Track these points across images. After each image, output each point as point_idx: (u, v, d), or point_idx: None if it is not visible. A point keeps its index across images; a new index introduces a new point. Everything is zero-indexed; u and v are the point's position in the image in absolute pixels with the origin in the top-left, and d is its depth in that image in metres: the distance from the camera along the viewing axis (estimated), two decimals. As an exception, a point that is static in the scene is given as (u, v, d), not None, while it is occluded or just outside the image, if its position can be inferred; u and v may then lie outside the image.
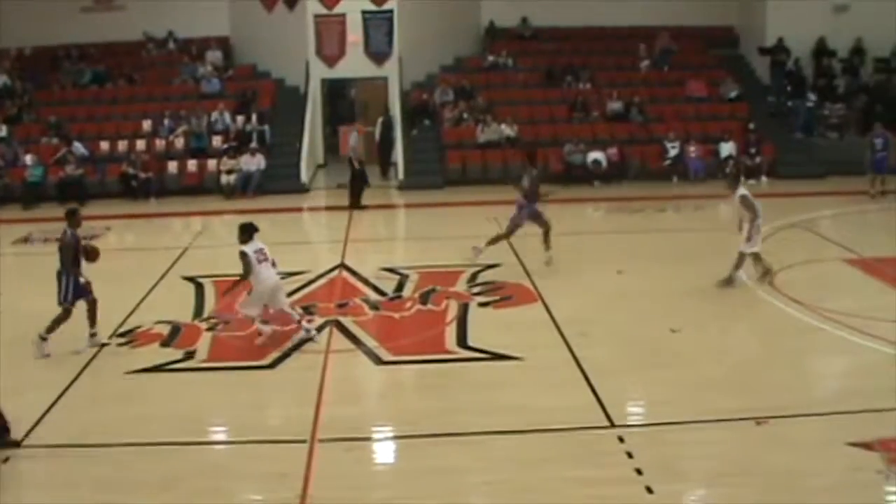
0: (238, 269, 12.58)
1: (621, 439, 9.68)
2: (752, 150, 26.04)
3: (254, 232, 12.63)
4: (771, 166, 26.06)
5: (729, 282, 14.96)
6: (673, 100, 28.56)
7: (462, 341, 12.90)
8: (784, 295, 14.68)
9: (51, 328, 12.36)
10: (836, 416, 10.31)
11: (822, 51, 29.13)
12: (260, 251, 12.49)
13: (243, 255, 12.41)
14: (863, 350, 12.00)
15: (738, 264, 14.98)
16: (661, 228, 21.05)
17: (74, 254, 12.51)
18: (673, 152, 26.10)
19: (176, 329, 13.58)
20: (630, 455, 9.30)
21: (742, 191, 14.98)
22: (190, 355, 12.54)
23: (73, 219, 12.67)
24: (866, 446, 9.45)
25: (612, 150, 26.14)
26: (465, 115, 27.39)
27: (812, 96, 28.06)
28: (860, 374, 11.61)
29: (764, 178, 25.65)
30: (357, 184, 23.80)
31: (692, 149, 26.16)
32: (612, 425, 10.06)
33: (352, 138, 24.64)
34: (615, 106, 27.74)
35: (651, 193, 24.27)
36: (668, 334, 12.99)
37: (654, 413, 10.60)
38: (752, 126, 26.71)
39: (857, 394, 10.95)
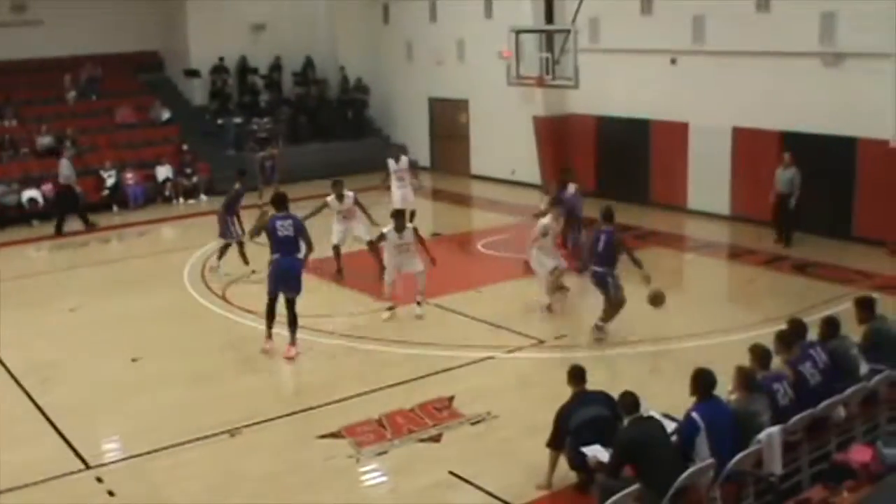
0: None
1: (100, 479, 9.47)
2: (189, 171, 26.34)
3: None
4: (208, 184, 26.48)
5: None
6: (104, 129, 27.99)
7: None
8: (232, 304, 15.21)
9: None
10: (301, 413, 10.93)
11: (245, 69, 30.25)
12: None
13: None
14: (330, 347, 12.64)
15: None
16: (109, 259, 20.66)
17: None
18: (110, 181, 25.63)
19: None
20: (112, 493, 9.14)
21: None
22: None
23: None
24: (335, 435, 10.11)
25: (48, 187, 25.08)
26: None
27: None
28: (319, 368, 12.30)
29: (203, 197, 26.03)
30: None
31: (129, 175, 25.86)
32: (88, 467, 9.79)
33: None
34: (45, 140, 26.62)
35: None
36: (131, 364, 12.85)
37: (129, 446, 10.40)
38: (185, 147, 27.02)
39: (320, 388, 11.70)
